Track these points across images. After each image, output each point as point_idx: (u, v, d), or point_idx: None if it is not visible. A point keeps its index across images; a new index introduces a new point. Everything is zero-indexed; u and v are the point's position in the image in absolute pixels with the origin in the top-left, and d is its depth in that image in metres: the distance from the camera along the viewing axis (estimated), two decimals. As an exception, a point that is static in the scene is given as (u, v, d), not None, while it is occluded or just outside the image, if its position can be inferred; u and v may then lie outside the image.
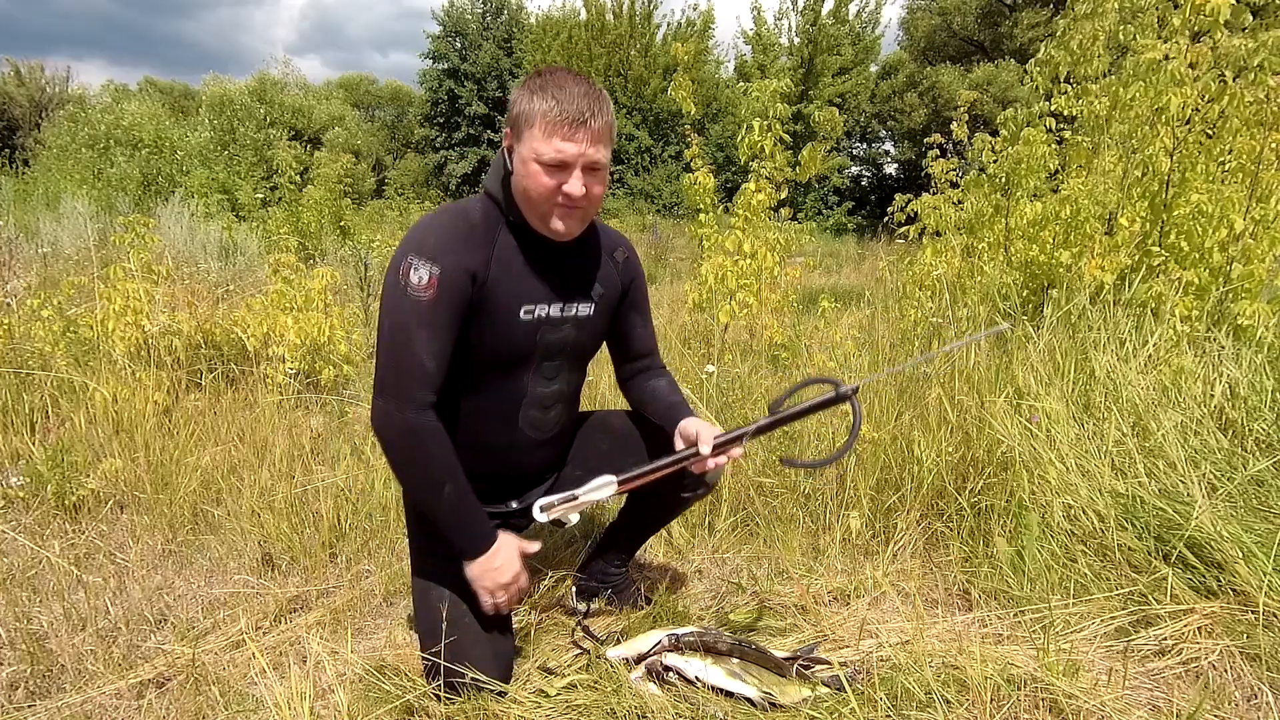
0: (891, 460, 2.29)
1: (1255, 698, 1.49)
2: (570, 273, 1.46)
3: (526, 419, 1.50)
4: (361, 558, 2.09)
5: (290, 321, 3.28)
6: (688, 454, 1.41)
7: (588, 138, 1.29)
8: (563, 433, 1.60)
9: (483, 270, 1.34)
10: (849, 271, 10.26)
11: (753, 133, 3.61)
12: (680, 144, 20.87)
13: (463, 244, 1.34)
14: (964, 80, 18.99)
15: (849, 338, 3.43)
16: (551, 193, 1.31)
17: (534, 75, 1.34)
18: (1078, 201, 3.11)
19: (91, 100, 19.34)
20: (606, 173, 1.37)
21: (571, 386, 1.56)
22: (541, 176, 1.30)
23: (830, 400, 1.39)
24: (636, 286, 1.60)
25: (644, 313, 1.65)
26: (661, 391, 1.61)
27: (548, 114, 1.27)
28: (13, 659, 1.62)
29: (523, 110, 1.31)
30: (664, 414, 1.55)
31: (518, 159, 1.34)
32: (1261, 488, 1.98)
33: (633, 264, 1.59)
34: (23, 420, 2.78)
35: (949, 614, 1.82)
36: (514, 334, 1.40)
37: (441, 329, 1.32)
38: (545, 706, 1.44)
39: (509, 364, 1.43)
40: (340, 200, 9.16)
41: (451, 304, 1.31)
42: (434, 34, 25.49)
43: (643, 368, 1.67)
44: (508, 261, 1.38)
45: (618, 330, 1.62)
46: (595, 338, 1.56)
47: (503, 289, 1.36)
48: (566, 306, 1.45)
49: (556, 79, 1.31)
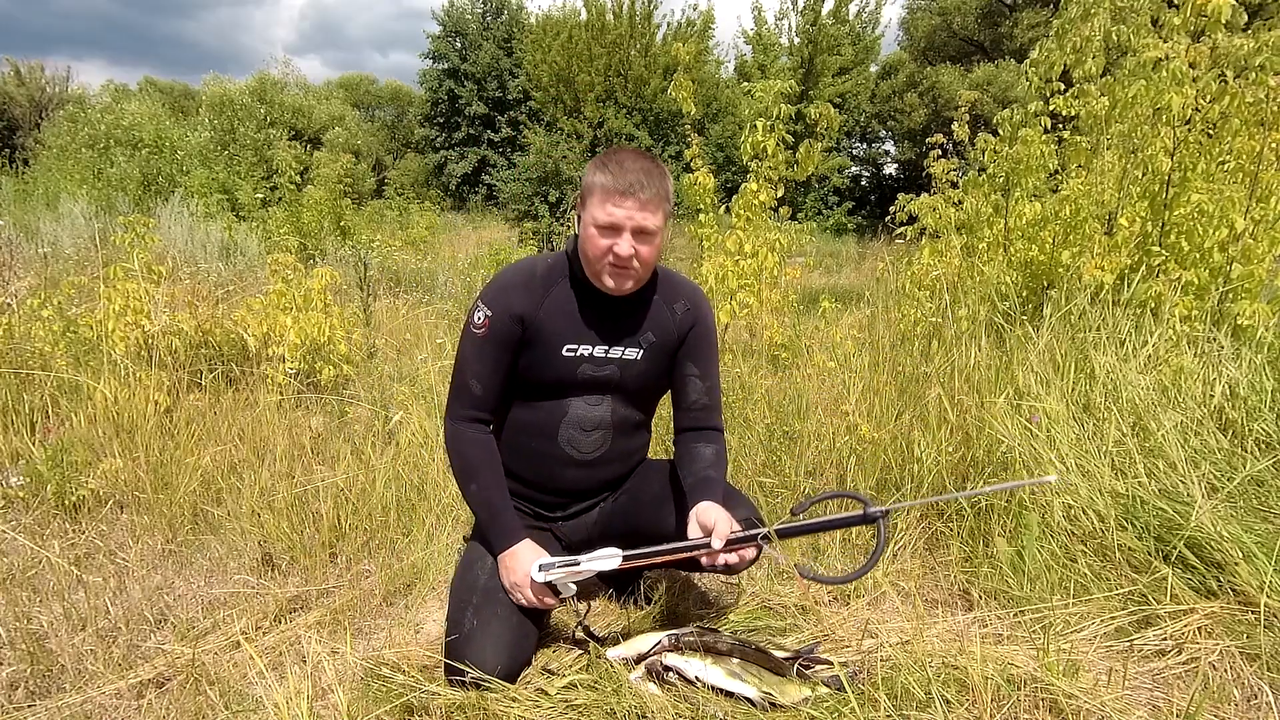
0: (891, 460, 2.29)
1: (1255, 698, 1.49)
2: (619, 321, 1.63)
3: (565, 436, 1.65)
4: (361, 558, 2.09)
5: (290, 321, 3.28)
6: (697, 544, 1.44)
7: (636, 205, 1.47)
8: (605, 460, 1.70)
9: (531, 314, 1.57)
10: (849, 271, 10.27)
11: (756, 133, 3.61)
12: (680, 144, 20.86)
13: (517, 292, 1.58)
14: (964, 80, 18.99)
15: (849, 338, 3.43)
16: (604, 253, 1.50)
17: (603, 154, 1.54)
18: (1077, 201, 3.11)
19: (91, 100, 19.35)
20: (659, 238, 1.53)
21: (618, 418, 1.68)
22: (597, 239, 1.50)
23: (855, 520, 1.43)
24: (697, 335, 1.69)
25: (703, 365, 1.70)
26: (702, 458, 1.64)
27: (605, 185, 1.48)
28: (13, 659, 1.62)
29: (588, 182, 1.52)
30: (691, 485, 1.59)
31: (581, 224, 1.55)
32: (1261, 488, 1.98)
33: (695, 315, 1.69)
34: (23, 420, 2.78)
35: (949, 614, 1.82)
36: (556, 365, 1.60)
37: (490, 359, 1.59)
38: (545, 706, 1.44)
39: (554, 388, 1.63)
40: (340, 200, 9.16)
41: (499, 340, 1.58)
42: (434, 34, 25.48)
43: (696, 424, 1.70)
44: (559, 308, 1.59)
45: (676, 377, 1.72)
46: (644, 378, 1.68)
47: (548, 329, 1.59)
48: (611, 349, 1.62)
49: (619, 156, 1.50)
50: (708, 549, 1.42)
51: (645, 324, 1.64)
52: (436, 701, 1.44)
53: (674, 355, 1.69)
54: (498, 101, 25.09)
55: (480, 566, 1.62)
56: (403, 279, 6.73)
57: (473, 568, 1.62)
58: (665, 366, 1.70)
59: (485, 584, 1.57)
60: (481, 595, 1.55)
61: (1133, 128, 3.03)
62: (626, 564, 1.48)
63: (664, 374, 1.71)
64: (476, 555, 1.65)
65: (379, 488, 2.25)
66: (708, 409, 1.70)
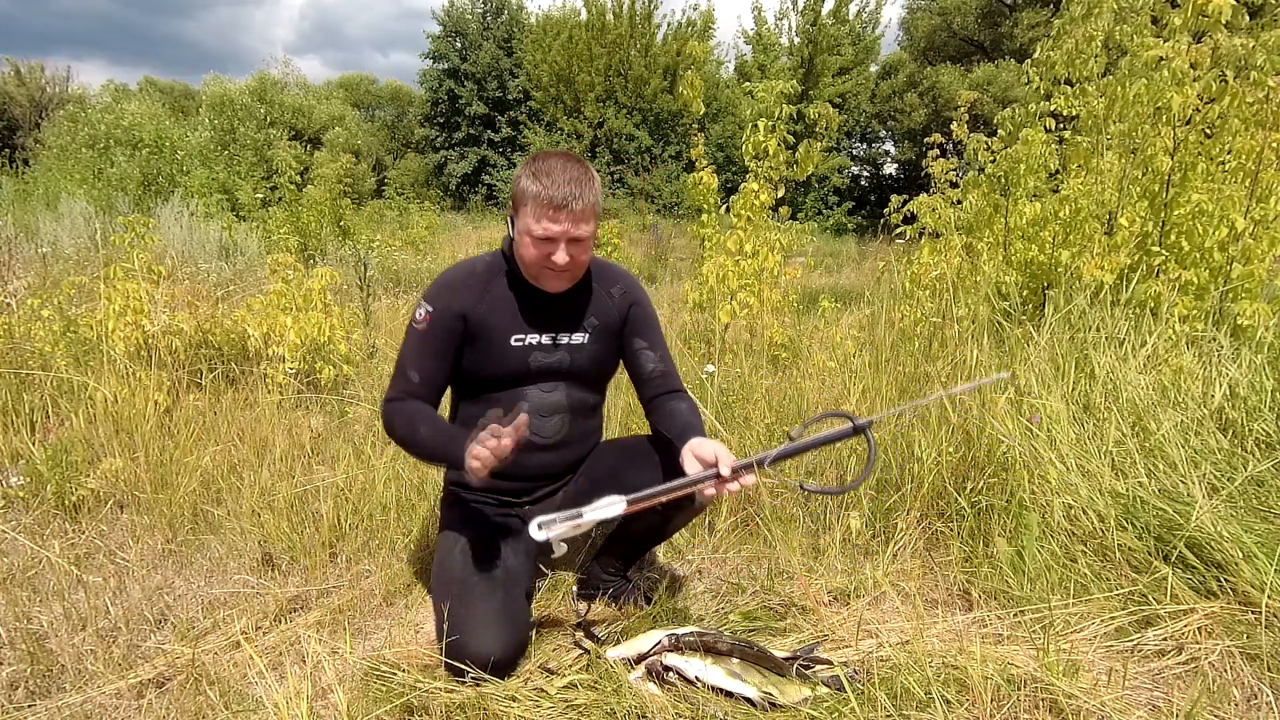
0: (891, 460, 2.29)
1: (1255, 698, 1.49)
2: (561, 309, 1.69)
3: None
4: (361, 558, 2.09)
5: (290, 321, 3.27)
6: (706, 476, 1.43)
7: (570, 219, 1.52)
8: (566, 443, 1.76)
9: (472, 309, 1.63)
10: (849, 271, 10.26)
11: (757, 133, 3.61)
12: (680, 144, 20.85)
13: (458, 290, 1.64)
14: (964, 80, 18.98)
15: (849, 338, 3.43)
16: (541, 260, 1.56)
17: (535, 158, 1.57)
18: (1077, 201, 3.11)
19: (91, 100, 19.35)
20: (591, 240, 1.60)
21: (572, 400, 1.74)
22: (531, 249, 1.56)
23: (845, 433, 1.47)
24: (636, 314, 1.77)
25: (651, 338, 1.79)
26: (680, 412, 1.69)
27: (537, 197, 1.51)
28: (13, 659, 1.62)
29: (521, 190, 1.55)
30: (678, 432, 1.60)
31: (516, 229, 1.59)
32: (1261, 488, 1.98)
33: (632, 296, 1.77)
34: (23, 420, 2.78)
35: (949, 614, 1.82)
36: (507, 356, 1.66)
37: (431, 353, 1.63)
38: (545, 706, 1.44)
39: (507, 379, 1.68)
40: (340, 200, 9.16)
41: (440, 335, 1.62)
42: (434, 34, 25.43)
43: (660, 389, 1.76)
44: (500, 303, 1.65)
45: (627, 355, 1.79)
46: (594, 360, 1.75)
47: (491, 323, 1.64)
48: (559, 336, 1.69)
49: (548, 165, 1.53)
50: (716, 478, 1.42)
51: (588, 310, 1.72)
52: (436, 701, 1.44)
53: (619, 335, 1.78)
54: (498, 101, 25.07)
55: (450, 560, 1.64)
56: (403, 279, 6.74)
57: (445, 564, 1.65)
58: (613, 347, 1.78)
59: (460, 574, 1.60)
60: (459, 584, 1.58)
61: (1133, 127, 3.04)
62: (632, 508, 1.43)
63: (613, 354, 1.79)
64: (446, 551, 1.68)
65: (379, 488, 2.25)
66: (666, 374, 1.77)
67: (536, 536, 1.41)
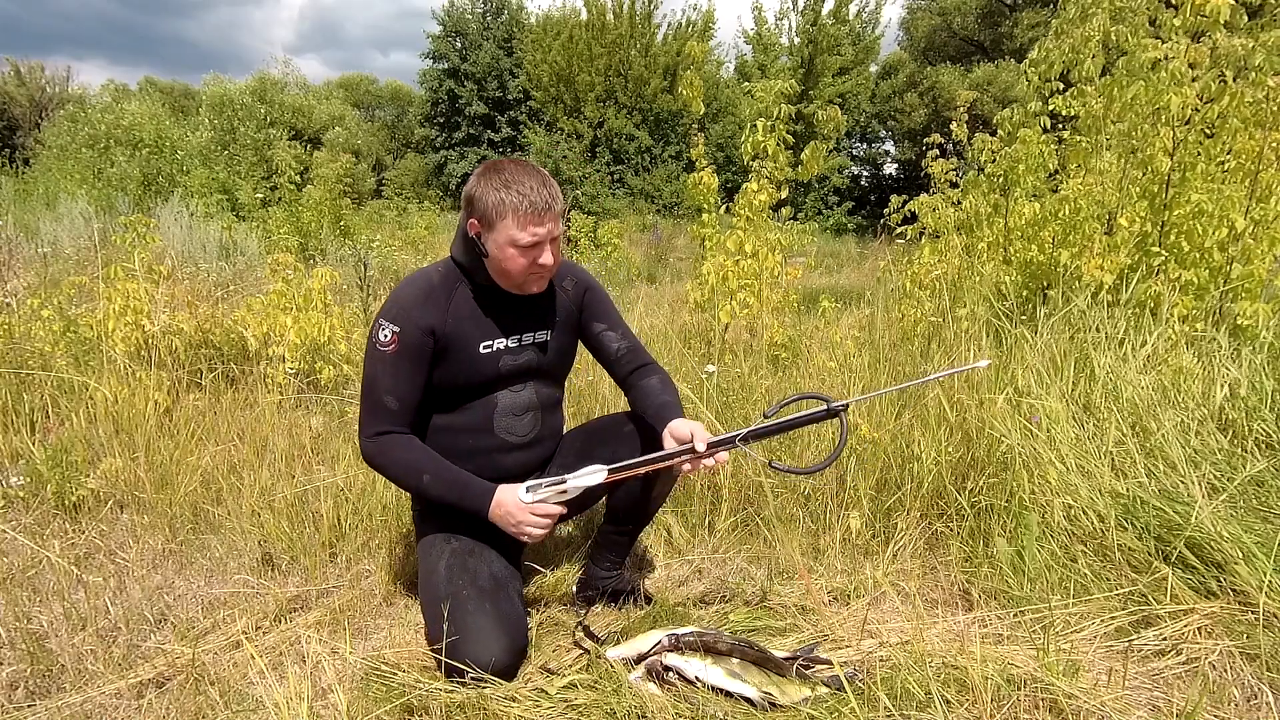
0: (891, 460, 2.29)
1: (1255, 698, 1.49)
2: (522, 311, 1.71)
3: (501, 425, 1.72)
4: (361, 558, 2.09)
5: (290, 321, 3.27)
6: (682, 451, 1.52)
7: (552, 220, 1.55)
8: (540, 439, 1.79)
9: (440, 324, 1.61)
10: (849, 271, 10.26)
11: (756, 133, 3.61)
12: (680, 144, 20.85)
13: (421, 306, 1.60)
14: (964, 80, 18.98)
15: (849, 337, 3.43)
16: (529, 267, 1.58)
17: (490, 171, 1.56)
18: (1077, 201, 3.11)
19: (91, 100, 19.34)
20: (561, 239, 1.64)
21: (542, 397, 1.77)
22: (519, 259, 1.56)
23: (820, 415, 1.53)
24: (590, 299, 1.81)
25: (609, 319, 1.83)
26: (653, 390, 1.74)
27: (518, 207, 1.51)
28: (13, 659, 1.62)
29: (494, 202, 1.53)
30: (655, 413, 1.68)
31: (493, 245, 1.56)
32: (1261, 488, 1.98)
33: (582, 284, 1.81)
34: (23, 420, 2.78)
35: (949, 614, 1.82)
36: (478, 364, 1.66)
37: (404, 375, 1.59)
38: (545, 706, 1.44)
39: (481, 387, 1.68)
40: (340, 200, 9.16)
41: (410, 355, 1.58)
42: (434, 34, 25.44)
43: (631, 367, 1.81)
44: (464, 313, 1.64)
45: (591, 341, 1.83)
46: (560, 354, 1.79)
47: (459, 334, 1.63)
48: (523, 337, 1.71)
49: (515, 174, 1.53)
50: (692, 454, 1.50)
51: (547, 307, 1.75)
52: (436, 701, 1.44)
53: (578, 324, 1.81)
54: (498, 101, 25.08)
55: (435, 578, 1.61)
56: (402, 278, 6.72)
57: (431, 582, 1.62)
58: (574, 338, 1.83)
59: (448, 590, 1.57)
60: (451, 601, 1.54)
61: (1132, 127, 3.04)
62: (612, 477, 1.55)
63: (574, 345, 1.84)
64: (429, 569, 1.65)
65: (379, 488, 2.25)
66: (633, 350, 1.81)
67: (525, 499, 1.55)
